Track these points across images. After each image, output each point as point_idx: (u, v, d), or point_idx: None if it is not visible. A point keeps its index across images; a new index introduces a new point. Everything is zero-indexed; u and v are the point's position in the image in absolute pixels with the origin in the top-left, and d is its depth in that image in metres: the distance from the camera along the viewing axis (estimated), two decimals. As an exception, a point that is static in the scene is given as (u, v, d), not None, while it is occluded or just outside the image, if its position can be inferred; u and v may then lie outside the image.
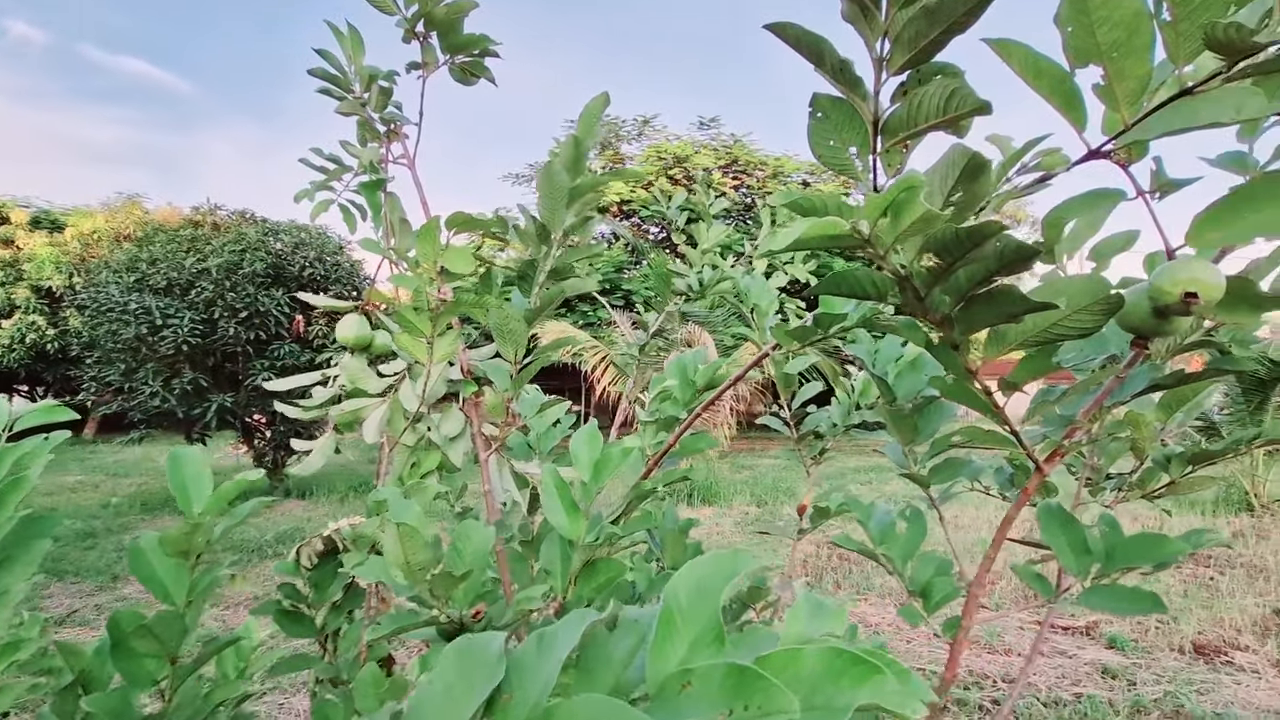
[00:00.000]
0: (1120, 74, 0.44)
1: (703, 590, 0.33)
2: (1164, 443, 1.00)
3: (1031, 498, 0.75)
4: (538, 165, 17.61)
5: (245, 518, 0.77)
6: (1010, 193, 0.57)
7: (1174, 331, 0.50)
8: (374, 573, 0.64)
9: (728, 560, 0.35)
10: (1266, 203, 0.45)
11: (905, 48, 0.46)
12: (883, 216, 0.41)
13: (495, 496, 1.03)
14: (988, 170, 0.43)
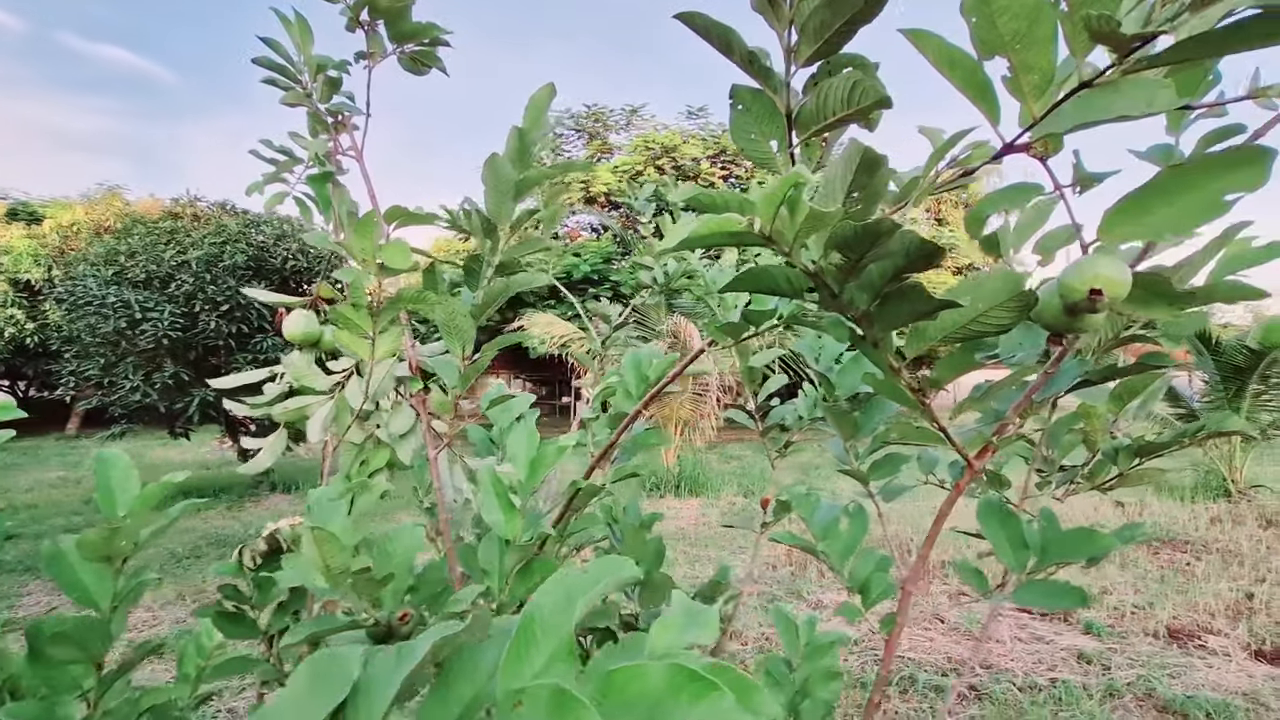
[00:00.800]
0: (1025, 66, 0.43)
1: (568, 602, 0.32)
2: (1114, 435, 1.00)
3: (967, 491, 0.75)
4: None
5: (175, 520, 0.76)
6: (930, 187, 0.56)
7: (1087, 328, 0.49)
8: (295, 576, 0.62)
9: (600, 570, 0.34)
10: (1176, 198, 0.45)
11: (812, 38, 0.45)
12: (779, 214, 0.40)
13: (446, 494, 1.02)
14: (883, 165, 0.42)
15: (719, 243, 0.42)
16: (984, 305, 0.51)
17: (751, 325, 0.67)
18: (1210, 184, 0.43)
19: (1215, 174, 0.43)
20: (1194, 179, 0.43)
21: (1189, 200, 0.44)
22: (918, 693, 3.51)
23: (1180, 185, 0.44)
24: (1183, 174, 0.43)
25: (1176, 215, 0.44)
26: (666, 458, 9.08)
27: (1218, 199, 0.43)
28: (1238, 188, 0.42)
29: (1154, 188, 0.44)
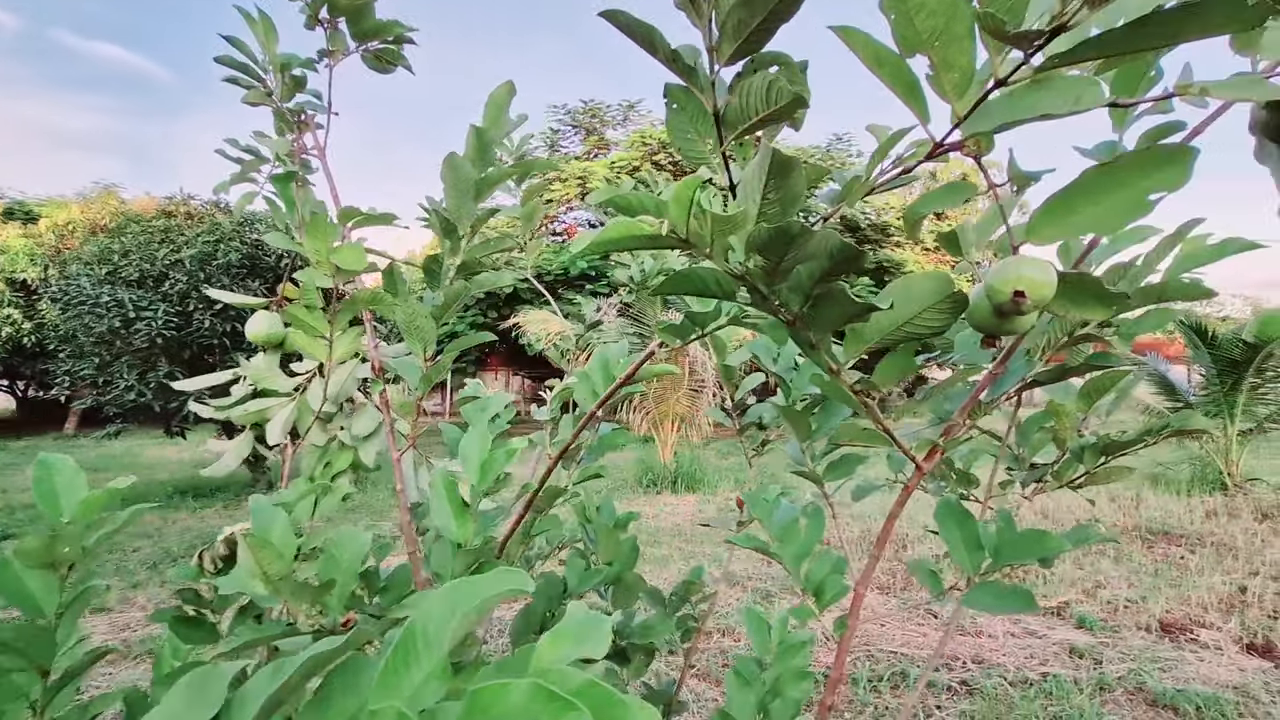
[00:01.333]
0: (945, 64, 0.42)
1: (451, 615, 0.31)
2: (1081, 433, 1.00)
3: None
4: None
5: (124, 525, 0.75)
6: (868, 184, 0.55)
7: (1017, 329, 0.49)
8: (234, 584, 0.62)
9: (490, 582, 0.33)
10: (1101, 197, 0.44)
11: (732, 36, 0.44)
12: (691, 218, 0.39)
13: (409, 495, 1.02)
14: (795, 167, 0.41)
15: (632, 246, 0.41)
16: (916, 307, 0.50)
17: (697, 327, 0.67)
18: (1135, 183, 0.42)
19: (1139, 173, 0.42)
20: (1118, 178, 0.43)
21: (1114, 200, 0.43)
22: (909, 688, 3.51)
23: (1105, 185, 0.43)
24: (1107, 174, 0.43)
25: (1102, 215, 0.44)
26: (663, 454, 9.08)
27: (1142, 198, 0.42)
28: (1161, 187, 0.42)
29: (1079, 188, 0.44)
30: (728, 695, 1.06)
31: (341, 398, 1.00)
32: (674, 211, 0.38)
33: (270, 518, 0.65)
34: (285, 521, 0.65)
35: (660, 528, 7.02)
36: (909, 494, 0.66)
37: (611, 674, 1.14)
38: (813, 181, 0.57)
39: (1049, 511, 7.16)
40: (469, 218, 0.95)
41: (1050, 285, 0.43)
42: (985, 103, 0.46)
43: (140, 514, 0.75)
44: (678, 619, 1.38)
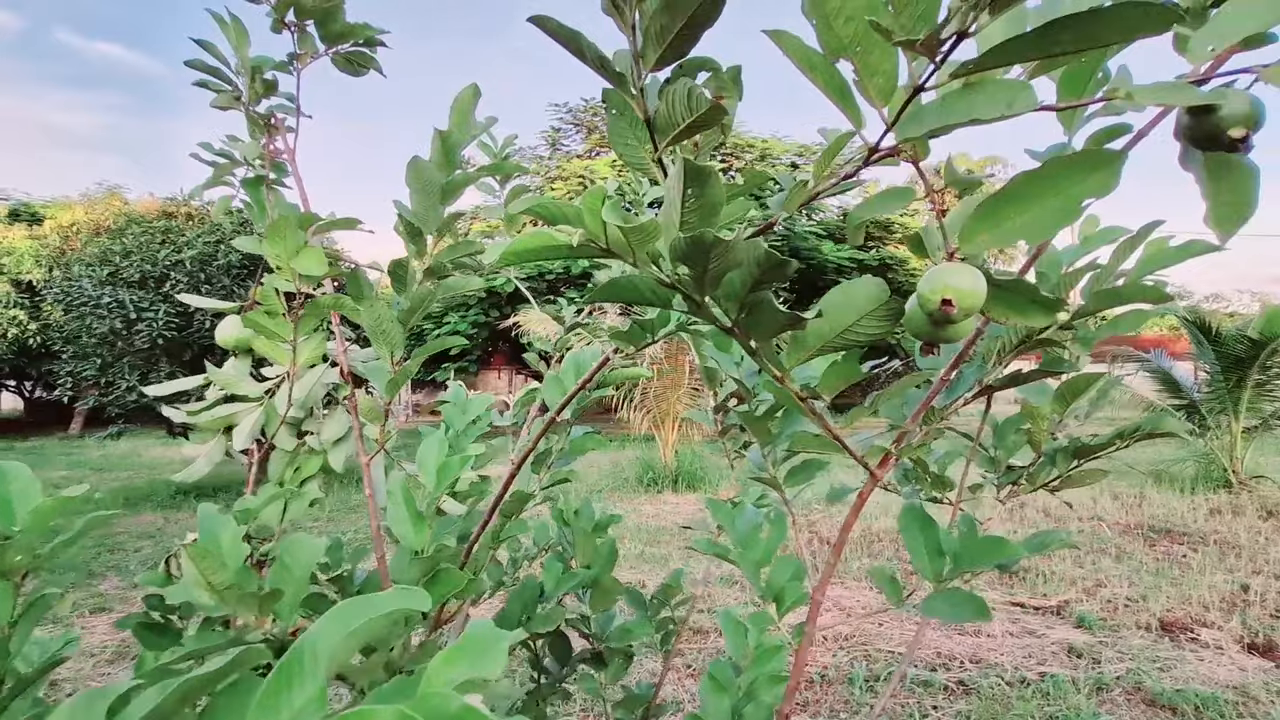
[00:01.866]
0: (868, 69, 0.41)
1: (339, 637, 0.31)
2: (1054, 436, 0.99)
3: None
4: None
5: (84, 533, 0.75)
6: (804, 189, 0.54)
7: (953, 337, 0.48)
8: (180, 593, 0.62)
9: (385, 601, 0.33)
10: (1031, 204, 0.43)
11: (655, 42, 0.43)
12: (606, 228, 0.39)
13: (378, 500, 1.01)
14: (710, 175, 0.40)
15: (552, 256, 0.40)
16: (855, 314, 0.50)
17: (648, 333, 0.66)
18: (1063, 189, 0.41)
19: (1067, 179, 0.41)
20: (1047, 185, 0.42)
21: (1044, 206, 0.42)
22: (905, 688, 3.50)
23: (1034, 191, 0.42)
24: (1035, 180, 0.42)
25: (1032, 221, 0.43)
26: (664, 453, 9.08)
27: (1072, 204, 0.41)
28: (1089, 193, 0.41)
29: (1009, 194, 0.43)
30: (701, 700, 1.05)
31: (310, 402, 1.00)
32: (590, 222, 0.38)
33: (218, 526, 0.64)
34: (234, 529, 0.65)
35: (661, 527, 7.02)
36: (864, 501, 0.65)
37: (540, 690, 1.14)
38: (753, 186, 0.56)
39: (1051, 510, 7.13)
40: (434, 221, 0.94)
41: (979, 293, 0.43)
42: (919, 108, 0.45)
43: (99, 523, 0.75)
44: (658, 621, 1.38)
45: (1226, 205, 0.39)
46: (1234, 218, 0.39)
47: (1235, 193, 0.39)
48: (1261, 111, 0.36)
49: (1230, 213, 0.39)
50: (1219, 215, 0.39)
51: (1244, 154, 0.36)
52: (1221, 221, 0.39)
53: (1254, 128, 0.36)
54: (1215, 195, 0.39)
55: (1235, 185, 0.38)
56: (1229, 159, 0.38)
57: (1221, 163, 0.39)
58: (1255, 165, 0.38)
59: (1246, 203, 0.38)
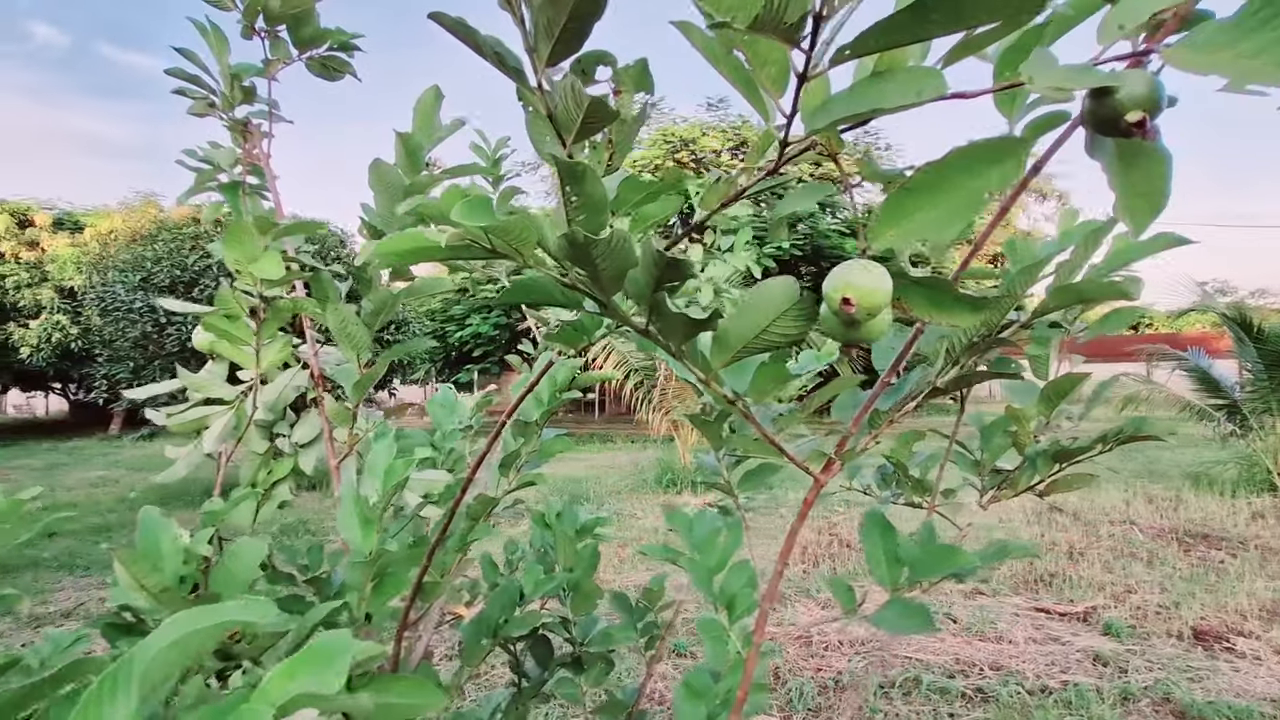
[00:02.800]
0: (759, 58, 0.39)
1: (167, 650, 0.30)
2: (1037, 439, 0.95)
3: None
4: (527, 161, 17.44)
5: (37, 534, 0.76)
6: (723, 186, 0.52)
7: (866, 339, 0.45)
8: (119, 596, 0.62)
9: (221, 613, 0.32)
10: (938, 198, 0.41)
11: (545, 36, 0.42)
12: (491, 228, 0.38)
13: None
14: (586, 173, 0.39)
15: (427, 257, 0.39)
16: (769, 315, 0.48)
17: (583, 335, 0.65)
18: (966, 183, 0.39)
19: (968, 172, 0.39)
20: (950, 178, 0.39)
21: (951, 200, 0.40)
22: (921, 695, 3.43)
23: (939, 184, 0.40)
24: (940, 172, 0.39)
25: (940, 216, 0.41)
26: (683, 455, 9.04)
27: (976, 197, 0.39)
28: (992, 185, 0.38)
29: (914, 189, 0.41)
30: (675, 708, 1.03)
31: (280, 405, 1.01)
32: (462, 219, 0.37)
33: (158, 529, 0.65)
34: (174, 533, 0.65)
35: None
36: (809, 507, 0.63)
37: (521, 695, 1.13)
38: (673, 184, 0.54)
39: (1082, 513, 6.92)
40: (397, 223, 0.94)
41: (881, 292, 0.40)
42: (828, 98, 0.43)
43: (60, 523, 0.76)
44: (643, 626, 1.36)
45: (1139, 196, 0.36)
46: (1147, 209, 0.36)
47: (1147, 182, 0.36)
48: (1161, 94, 0.33)
49: (1143, 204, 0.36)
50: (1131, 207, 0.36)
51: (1143, 140, 0.33)
52: (1134, 214, 0.36)
53: (1153, 111, 0.33)
54: (1126, 186, 0.36)
55: (1147, 174, 0.36)
56: (1140, 145, 0.36)
57: (1132, 150, 0.36)
58: (1167, 151, 0.36)
59: (1159, 192, 0.36)
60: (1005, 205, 0.50)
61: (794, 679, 3.58)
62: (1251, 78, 0.27)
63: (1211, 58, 0.29)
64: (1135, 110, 0.33)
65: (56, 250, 15.56)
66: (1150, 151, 0.35)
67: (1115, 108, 0.33)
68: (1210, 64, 0.29)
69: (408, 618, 0.95)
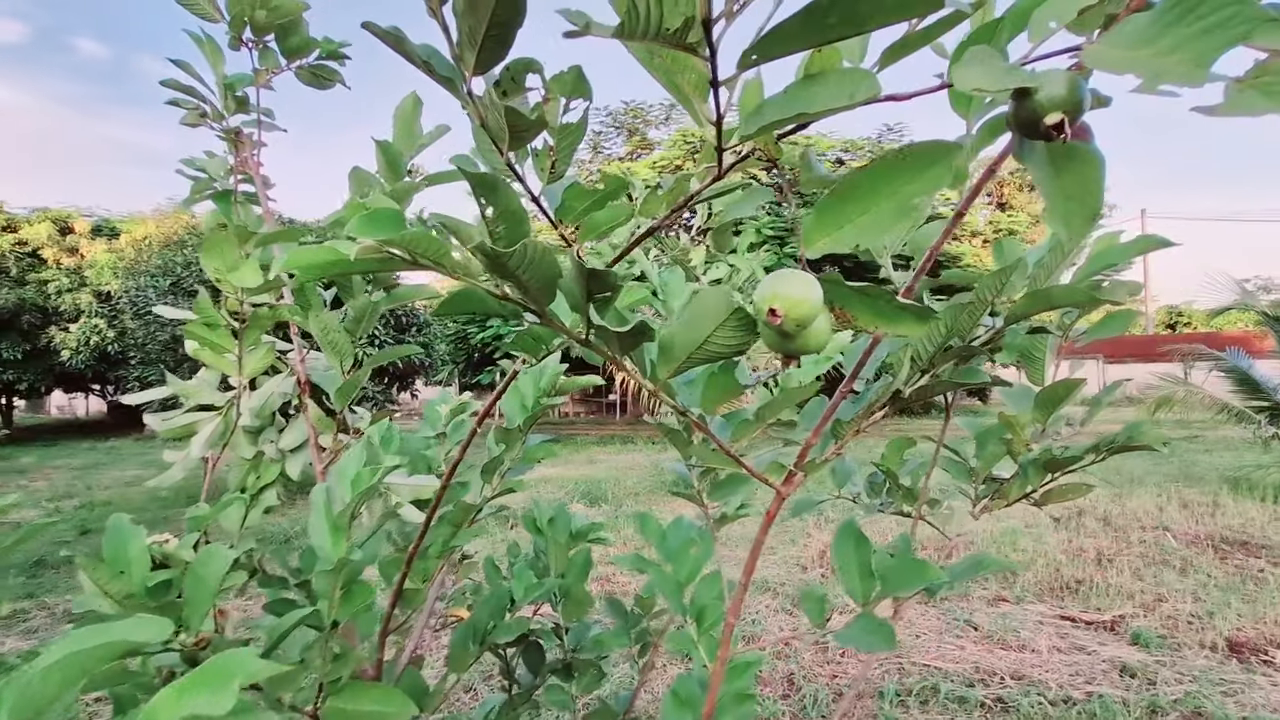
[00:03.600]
0: (678, 64, 0.38)
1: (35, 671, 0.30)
2: (1029, 448, 0.92)
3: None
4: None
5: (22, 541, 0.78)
6: (665, 195, 0.51)
7: (803, 350, 0.44)
8: (84, 602, 0.63)
9: (111, 632, 0.32)
10: (869, 204, 0.39)
11: (469, 43, 0.41)
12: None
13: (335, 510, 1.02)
14: (496, 184, 0.38)
15: (340, 270, 0.39)
16: (708, 326, 0.46)
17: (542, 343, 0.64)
18: (897, 188, 0.37)
19: (900, 177, 0.37)
20: (880, 183, 0.38)
21: (882, 207, 0.38)
22: (939, 704, 3.36)
23: (870, 190, 0.38)
24: (868, 179, 0.38)
25: (871, 223, 0.39)
26: (702, 455, 9.00)
27: (907, 203, 0.37)
28: (923, 191, 0.37)
29: (846, 194, 0.39)
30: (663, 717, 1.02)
31: (267, 410, 1.02)
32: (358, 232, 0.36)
33: (126, 536, 0.65)
34: (141, 539, 0.66)
35: (695, 530, 6.94)
36: (770, 520, 0.61)
37: (512, 701, 1.12)
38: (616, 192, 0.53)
39: (1112, 518, 6.72)
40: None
41: (808, 302, 0.39)
42: (761, 103, 0.42)
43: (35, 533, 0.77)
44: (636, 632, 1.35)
45: (1070, 200, 0.34)
46: (1081, 214, 0.34)
47: (1079, 186, 0.34)
48: (1082, 94, 0.31)
49: (1076, 208, 0.34)
50: (1063, 213, 0.34)
51: (1066, 143, 0.31)
52: (1067, 220, 0.34)
53: (1074, 113, 0.31)
54: (1056, 190, 0.34)
55: (1078, 177, 0.34)
56: (1070, 148, 0.34)
57: (1062, 153, 0.34)
58: (1099, 154, 0.33)
59: (1093, 196, 0.33)
60: (960, 210, 0.48)
61: (808, 685, 3.54)
62: (1165, 77, 0.25)
63: (1129, 55, 0.27)
64: (1054, 112, 0.31)
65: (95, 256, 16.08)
66: (1081, 154, 0.33)
67: (1035, 110, 0.31)
68: (1127, 62, 0.27)
69: (388, 624, 0.96)
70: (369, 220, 0.34)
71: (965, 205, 0.48)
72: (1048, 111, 0.31)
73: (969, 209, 0.49)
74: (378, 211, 0.34)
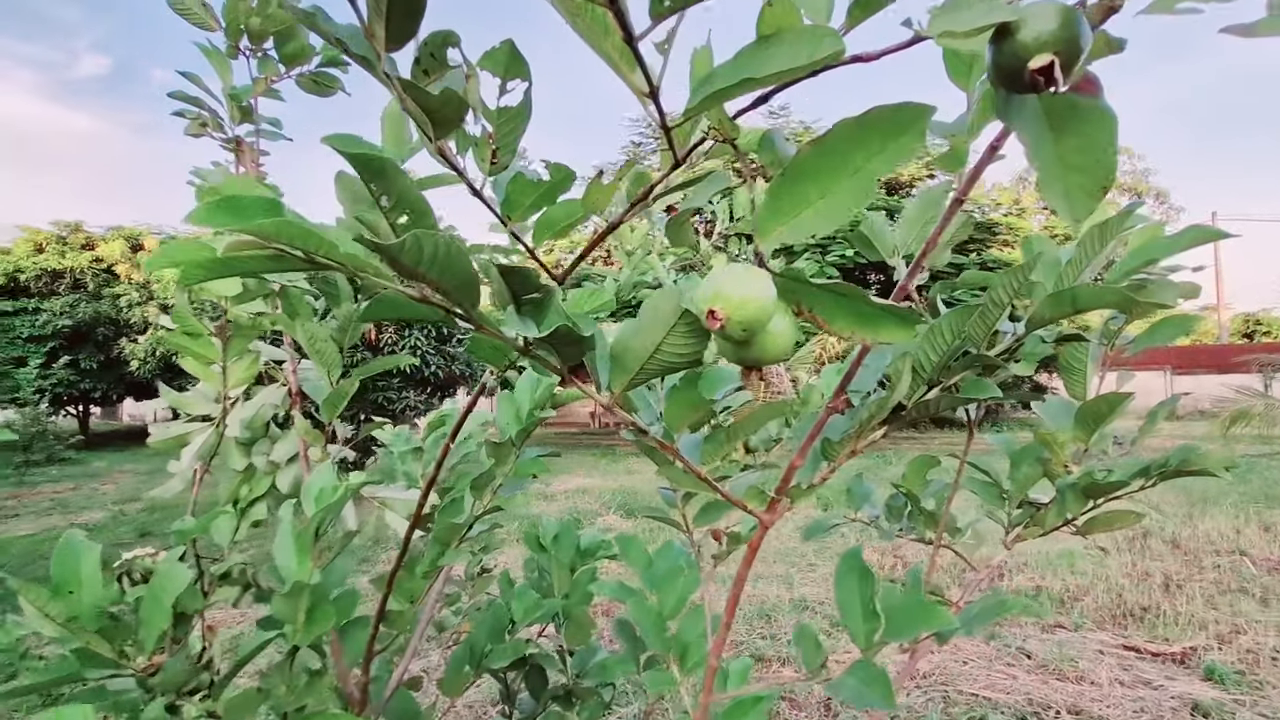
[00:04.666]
0: (597, 22, 0.32)
1: None
2: (1067, 469, 0.82)
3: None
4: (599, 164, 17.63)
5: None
6: (609, 186, 0.45)
7: (759, 360, 0.37)
8: (26, 625, 0.60)
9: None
10: (828, 183, 0.32)
11: (376, 14, 0.37)
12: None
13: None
14: (385, 167, 0.33)
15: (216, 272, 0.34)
16: (660, 332, 0.40)
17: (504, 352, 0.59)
18: (858, 162, 0.31)
19: (863, 148, 0.30)
20: (840, 158, 0.31)
21: (843, 186, 0.32)
22: (986, 737, 3.15)
23: (826, 167, 0.32)
24: (824, 153, 0.31)
25: (831, 207, 0.32)
26: (740, 468, 8.84)
27: (869, 181, 0.31)
28: (888, 166, 0.30)
29: (800, 174, 0.32)
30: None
31: (258, 422, 1.00)
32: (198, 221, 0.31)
33: (78, 554, 0.63)
34: (95, 559, 0.64)
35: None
36: (754, 552, 0.55)
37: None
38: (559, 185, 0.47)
39: (1182, 540, 6.27)
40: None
41: (754, 303, 0.32)
42: (710, 71, 0.36)
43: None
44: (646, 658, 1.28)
45: (1074, 171, 0.27)
46: (1086, 186, 0.27)
47: (1086, 152, 0.26)
48: (1077, 30, 0.23)
49: (1080, 180, 0.27)
50: (1064, 186, 0.27)
51: (1068, 94, 0.24)
52: (1069, 194, 0.27)
53: (1067, 55, 0.23)
54: (1054, 158, 0.27)
55: (1084, 141, 0.26)
56: (1073, 103, 0.26)
57: (1064, 110, 0.27)
58: (1110, 110, 0.26)
59: (1103, 165, 0.26)
60: (959, 195, 0.41)
61: (845, 711, 3.38)
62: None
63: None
64: (1042, 53, 0.24)
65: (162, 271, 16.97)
66: (1086, 110, 0.26)
67: (1017, 52, 0.24)
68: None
69: (372, 645, 0.92)
70: (217, 209, 0.29)
71: (964, 190, 0.41)
72: (1033, 53, 0.24)
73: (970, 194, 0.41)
74: (228, 198, 0.29)
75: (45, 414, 11.13)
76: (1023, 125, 0.27)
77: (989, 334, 0.54)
